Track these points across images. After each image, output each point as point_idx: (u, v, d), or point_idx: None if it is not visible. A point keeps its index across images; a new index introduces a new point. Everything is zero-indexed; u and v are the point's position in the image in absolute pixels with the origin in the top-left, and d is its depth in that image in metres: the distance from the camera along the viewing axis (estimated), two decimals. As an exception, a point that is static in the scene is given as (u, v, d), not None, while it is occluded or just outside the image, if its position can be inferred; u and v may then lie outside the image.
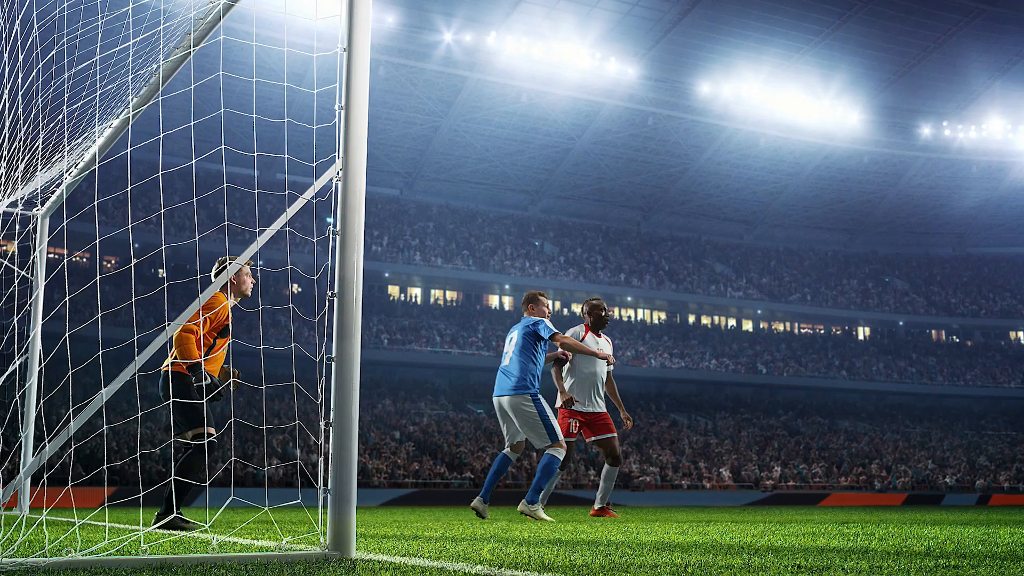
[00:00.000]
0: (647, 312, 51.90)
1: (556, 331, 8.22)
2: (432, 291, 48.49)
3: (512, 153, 47.92)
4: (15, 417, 7.78)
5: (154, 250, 13.04)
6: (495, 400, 8.27)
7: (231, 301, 7.06)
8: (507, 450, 8.29)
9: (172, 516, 6.35)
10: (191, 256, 34.06)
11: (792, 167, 50.60)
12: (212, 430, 6.82)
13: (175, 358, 6.78)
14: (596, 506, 9.02)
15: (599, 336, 9.12)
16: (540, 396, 8.06)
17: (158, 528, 6.35)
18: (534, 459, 33.59)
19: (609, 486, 8.97)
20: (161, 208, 6.48)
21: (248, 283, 7.15)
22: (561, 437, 8.01)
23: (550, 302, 8.82)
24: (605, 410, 9.03)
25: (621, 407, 9.17)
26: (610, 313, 9.29)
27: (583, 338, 8.97)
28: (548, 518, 8.11)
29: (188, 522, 6.41)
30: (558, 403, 8.83)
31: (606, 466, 8.94)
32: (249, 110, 4.99)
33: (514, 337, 8.34)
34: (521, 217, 51.46)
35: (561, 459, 8.06)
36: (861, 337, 55.06)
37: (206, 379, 6.64)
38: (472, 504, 8.31)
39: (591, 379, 8.89)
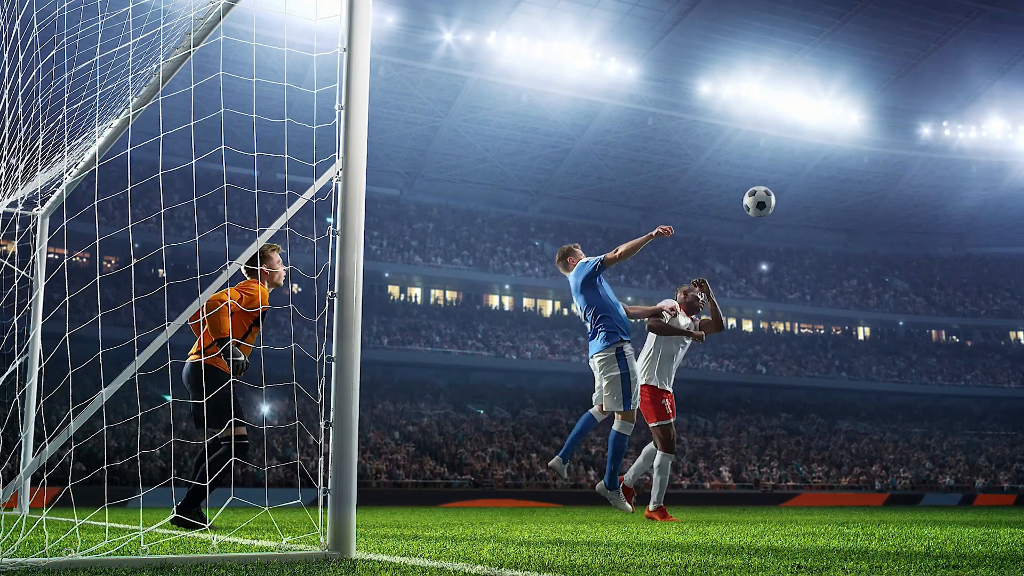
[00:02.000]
0: (647, 312, 51.84)
1: (601, 257, 7.70)
2: (432, 291, 48.47)
3: (512, 153, 47.90)
4: (15, 417, 7.78)
5: (154, 250, 13.03)
6: (590, 363, 7.89)
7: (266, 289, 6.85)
8: (593, 409, 7.86)
9: (173, 516, 6.30)
10: (191, 256, 34.01)
11: (792, 167, 50.58)
12: (243, 431, 6.56)
13: (203, 348, 6.53)
14: (652, 506, 8.36)
15: (691, 318, 8.68)
16: (627, 353, 7.62)
17: (177, 522, 6.29)
18: (534, 460, 33.57)
19: (665, 478, 8.32)
20: (161, 208, 6.48)
21: (280, 272, 6.98)
22: (635, 407, 7.57)
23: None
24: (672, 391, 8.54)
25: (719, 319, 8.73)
26: (702, 301, 8.79)
27: (676, 313, 8.53)
28: (627, 507, 7.73)
29: (195, 523, 6.33)
30: (641, 379, 8.33)
31: (659, 454, 8.34)
32: (249, 110, 4.99)
33: (575, 300, 7.92)
34: (521, 217, 51.44)
35: (628, 434, 7.60)
36: (861, 337, 55.05)
37: (237, 355, 6.34)
38: (551, 463, 7.95)
39: (670, 358, 8.43)
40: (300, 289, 35.56)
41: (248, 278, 6.91)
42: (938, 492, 36.42)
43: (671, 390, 8.48)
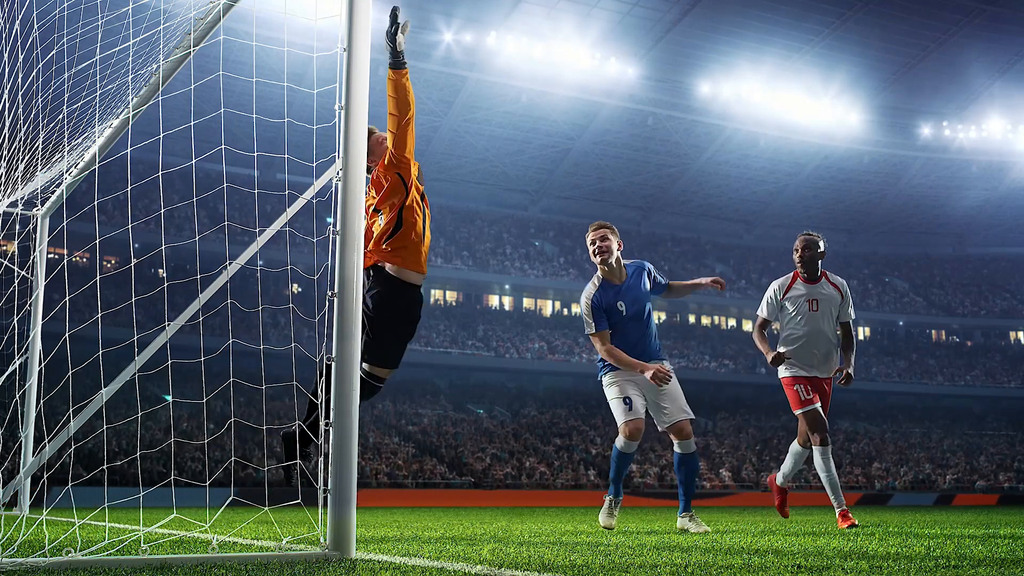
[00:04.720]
0: (647, 312, 51.82)
1: (593, 331, 6.81)
2: (432, 291, 48.47)
3: (512, 153, 47.89)
4: (15, 417, 7.78)
5: (154, 250, 13.02)
6: None
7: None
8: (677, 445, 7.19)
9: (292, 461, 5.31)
10: (191, 256, 33.99)
11: (792, 167, 50.58)
12: (384, 373, 5.21)
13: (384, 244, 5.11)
14: (780, 482, 7.68)
15: (816, 281, 7.45)
16: (608, 374, 6.98)
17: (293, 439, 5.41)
18: (529, 464, 33.56)
19: (830, 476, 7.12)
20: (161, 208, 6.49)
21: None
22: (622, 422, 6.90)
23: (614, 238, 6.98)
24: (830, 376, 7.35)
25: (849, 364, 7.31)
26: (823, 252, 7.55)
27: (789, 287, 7.50)
28: (610, 523, 6.98)
29: (308, 442, 5.27)
30: (782, 372, 7.46)
31: (815, 448, 7.17)
32: (249, 110, 4.99)
33: None
34: (521, 217, 51.44)
35: (625, 449, 6.97)
36: (861, 337, 55.04)
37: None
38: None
39: (807, 339, 7.31)
40: (300, 289, 35.56)
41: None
42: (908, 492, 36.17)
43: (825, 376, 7.35)
